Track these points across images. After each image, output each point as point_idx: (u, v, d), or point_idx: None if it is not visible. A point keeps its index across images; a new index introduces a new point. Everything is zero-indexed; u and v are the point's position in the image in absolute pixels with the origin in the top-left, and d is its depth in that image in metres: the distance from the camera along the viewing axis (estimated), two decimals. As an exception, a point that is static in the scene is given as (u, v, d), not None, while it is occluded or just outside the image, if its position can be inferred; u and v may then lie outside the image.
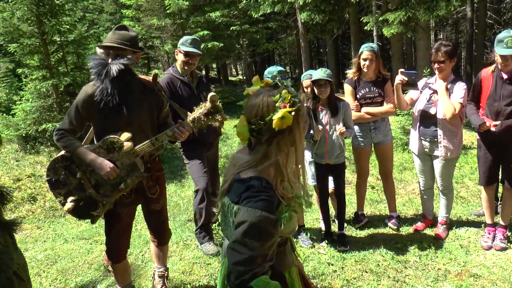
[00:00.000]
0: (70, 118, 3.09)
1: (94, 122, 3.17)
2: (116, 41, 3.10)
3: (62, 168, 3.15)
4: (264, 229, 1.60)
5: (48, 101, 9.20)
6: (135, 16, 16.26)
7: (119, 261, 3.43)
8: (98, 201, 3.15)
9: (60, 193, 3.17)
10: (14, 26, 8.30)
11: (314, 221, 5.40)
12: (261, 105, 1.68)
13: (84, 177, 3.14)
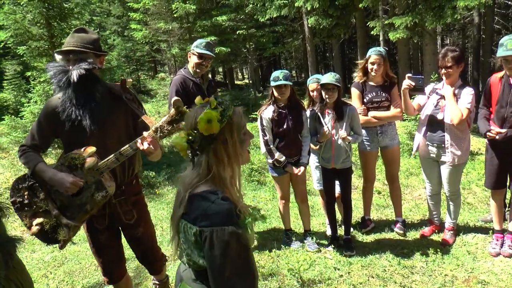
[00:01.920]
0: (32, 134, 2.88)
1: (60, 137, 2.91)
2: (75, 44, 2.77)
3: (26, 189, 2.85)
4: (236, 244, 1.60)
5: (56, 103, 9.24)
6: (142, 20, 16.35)
7: (118, 281, 3.26)
8: (65, 224, 2.81)
9: (26, 216, 2.87)
10: (24, 29, 8.36)
11: (320, 225, 5.39)
12: (194, 116, 1.71)
13: (48, 198, 2.84)
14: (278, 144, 4.38)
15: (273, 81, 4.26)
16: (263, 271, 4.15)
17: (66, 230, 2.80)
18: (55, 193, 2.79)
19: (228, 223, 1.60)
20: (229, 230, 1.59)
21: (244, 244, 1.65)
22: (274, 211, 6.03)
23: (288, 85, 4.28)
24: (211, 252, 1.60)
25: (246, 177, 7.60)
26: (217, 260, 1.60)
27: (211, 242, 1.59)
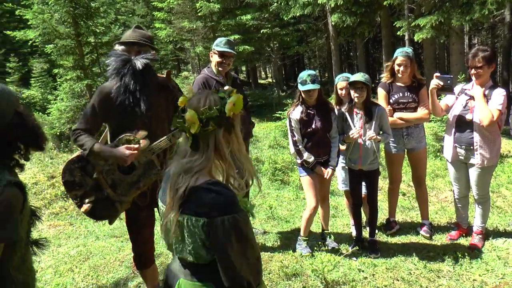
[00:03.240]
0: (86, 118, 3.08)
1: (110, 122, 3.16)
2: (138, 38, 3.11)
3: (78, 169, 3.09)
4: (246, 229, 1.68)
5: (82, 101, 9.42)
6: (166, 19, 16.45)
7: (147, 267, 3.43)
8: (116, 201, 3.11)
9: (77, 195, 3.11)
10: (52, 28, 8.52)
11: (344, 226, 5.33)
12: (207, 97, 1.75)
13: (100, 177, 3.09)
14: (306, 144, 4.34)
15: (300, 85, 4.21)
16: (287, 271, 4.12)
17: (117, 206, 3.10)
18: (107, 172, 3.07)
19: (237, 210, 1.65)
20: (240, 217, 1.65)
21: (251, 229, 1.73)
22: (298, 211, 6.00)
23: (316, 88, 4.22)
24: (224, 241, 1.63)
25: (270, 176, 7.59)
26: (230, 248, 1.63)
27: (224, 230, 1.62)
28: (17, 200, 1.83)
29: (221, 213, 1.62)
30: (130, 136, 3.01)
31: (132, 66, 2.95)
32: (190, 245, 1.71)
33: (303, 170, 4.41)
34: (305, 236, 4.56)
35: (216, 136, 1.73)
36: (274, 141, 10.12)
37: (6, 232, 1.78)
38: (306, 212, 4.46)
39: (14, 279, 1.90)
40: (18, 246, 1.92)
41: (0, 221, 1.76)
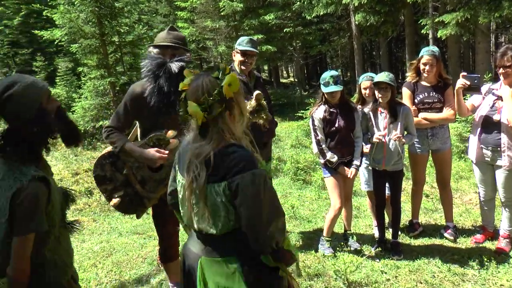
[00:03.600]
0: (118, 116, 3.17)
1: (141, 120, 3.25)
2: (172, 40, 3.16)
3: (109, 165, 3.19)
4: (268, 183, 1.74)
5: (105, 99, 9.57)
6: (189, 18, 16.55)
7: (171, 261, 3.51)
8: (144, 196, 3.23)
9: (106, 189, 3.23)
10: (78, 27, 8.66)
11: (367, 227, 5.28)
12: (204, 84, 1.79)
13: (130, 173, 3.20)
14: (329, 144, 4.31)
15: (323, 86, 4.19)
16: (309, 271, 4.11)
17: (145, 202, 3.22)
18: (136, 169, 3.17)
19: (255, 166, 1.72)
20: (258, 172, 1.71)
21: (271, 185, 1.78)
22: (319, 211, 5.97)
23: None
24: (249, 197, 1.68)
25: (292, 176, 7.57)
26: (255, 204, 1.69)
27: (245, 187, 1.67)
28: (42, 193, 1.93)
29: (240, 171, 1.68)
30: (161, 135, 3.11)
31: (167, 69, 3.01)
32: (212, 215, 1.76)
33: (326, 170, 4.38)
34: (328, 236, 4.53)
35: (222, 120, 1.78)
36: (296, 140, 10.10)
37: (35, 224, 1.91)
38: (330, 212, 4.43)
39: (51, 261, 2.06)
40: (51, 232, 2.05)
41: (29, 214, 1.89)
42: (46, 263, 2.05)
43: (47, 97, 2.07)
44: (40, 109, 2.00)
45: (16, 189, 1.88)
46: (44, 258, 2.04)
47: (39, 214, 1.92)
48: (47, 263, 2.05)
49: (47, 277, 2.05)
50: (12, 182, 1.90)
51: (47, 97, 2.07)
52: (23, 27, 21.43)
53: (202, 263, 1.88)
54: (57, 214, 2.10)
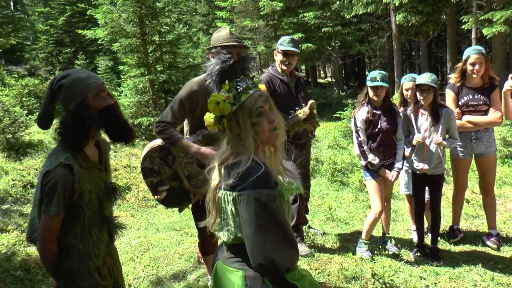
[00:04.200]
0: (173, 112, 3.20)
1: (192, 117, 3.29)
2: (237, 40, 3.23)
3: (159, 158, 3.25)
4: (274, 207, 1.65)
5: (145, 97, 9.73)
6: (228, 18, 16.66)
7: (210, 253, 3.50)
8: (190, 191, 3.29)
9: (152, 181, 3.28)
10: (119, 27, 8.86)
11: (405, 231, 5.17)
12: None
13: (179, 168, 3.25)
14: (371, 146, 4.24)
15: (370, 81, 4.14)
16: (346, 273, 4.05)
17: (190, 197, 3.29)
18: (185, 164, 3.24)
19: (266, 186, 1.66)
20: (266, 193, 1.64)
21: (282, 210, 1.70)
22: (357, 213, 5.89)
23: (384, 87, 4.14)
24: (248, 216, 1.64)
25: (329, 177, 7.50)
26: (253, 223, 1.63)
27: (248, 204, 1.63)
28: (63, 181, 2.04)
29: (249, 186, 1.65)
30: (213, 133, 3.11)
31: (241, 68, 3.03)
32: (224, 221, 1.77)
33: (367, 173, 4.31)
34: (367, 239, 4.45)
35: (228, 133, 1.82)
36: (334, 141, 10.01)
37: (51, 207, 2.03)
38: (371, 216, 4.34)
39: (74, 246, 2.16)
40: (80, 219, 2.17)
41: (49, 196, 2.03)
42: (70, 249, 2.16)
43: (96, 93, 2.15)
44: (82, 103, 2.10)
45: (45, 170, 2.05)
46: (69, 243, 2.15)
47: (57, 198, 2.03)
48: (71, 249, 2.16)
49: (70, 261, 2.15)
50: (47, 163, 2.08)
51: (95, 93, 2.15)
52: (67, 27, 22.13)
53: (217, 268, 1.90)
54: (90, 205, 2.18)
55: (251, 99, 1.81)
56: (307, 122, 3.43)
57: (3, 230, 5.61)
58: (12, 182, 6.93)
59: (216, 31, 3.39)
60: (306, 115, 3.40)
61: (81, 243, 2.17)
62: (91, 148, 2.26)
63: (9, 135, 8.02)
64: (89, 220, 2.20)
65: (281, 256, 1.66)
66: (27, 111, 9.18)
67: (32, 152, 8.13)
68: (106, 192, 2.33)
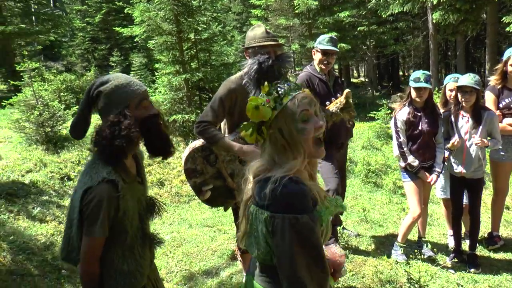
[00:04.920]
0: (213, 110, 3.20)
1: (231, 115, 3.28)
2: (274, 39, 3.20)
3: (201, 158, 3.25)
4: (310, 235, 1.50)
5: (179, 94, 9.83)
6: (263, 16, 16.66)
7: (247, 252, 3.48)
8: (234, 189, 3.27)
9: (196, 182, 3.28)
10: (156, 25, 8.97)
11: (441, 236, 5.06)
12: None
13: (222, 166, 3.25)
14: (411, 147, 4.16)
15: (413, 82, 4.05)
16: (381, 277, 4.00)
17: (234, 194, 3.27)
18: (228, 162, 3.24)
19: (302, 210, 1.49)
20: (303, 220, 1.48)
21: (317, 237, 1.53)
22: (391, 216, 5.80)
23: (428, 88, 4.05)
24: (281, 242, 1.49)
25: (363, 178, 7.41)
26: (287, 251, 1.49)
27: (282, 230, 1.48)
28: (108, 198, 1.88)
29: (284, 209, 1.49)
30: None
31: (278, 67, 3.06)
32: (255, 238, 1.62)
33: (406, 175, 4.23)
34: (403, 242, 4.38)
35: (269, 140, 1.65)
36: (368, 142, 9.87)
37: (97, 228, 1.88)
38: (408, 219, 4.27)
39: (117, 268, 2.00)
40: (122, 238, 2.01)
41: (92, 216, 1.87)
42: (113, 270, 2.01)
43: (138, 102, 2.00)
44: (122, 112, 1.94)
45: (86, 187, 1.88)
46: (112, 264, 2.01)
47: (102, 218, 1.88)
48: (114, 270, 2.01)
49: (113, 283, 2.01)
50: (86, 180, 1.90)
51: (137, 102, 2.00)
52: (103, 25, 22.60)
53: (247, 282, 1.81)
54: (132, 223, 2.05)
55: (293, 101, 1.62)
56: (344, 111, 3.42)
57: (42, 221, 5.77)
58: (51, 174, 7.11)
59: (251, 29, 3.37)
60: (342, 104, 3.39)
61: (124, 263, 2.03)
62: (129, 160, 2.11)
63: (48, 129, 8.23)
64: (131, 238, 2.06)
65: (314, 283, 1.53)
66: (65, 106, 9.39)
67: (69, 146, 8.32)
68: (147, 207, 2.22)
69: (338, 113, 3.43)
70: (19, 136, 8.31)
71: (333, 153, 4.44)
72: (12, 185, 6.47)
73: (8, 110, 9.53)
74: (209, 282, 4.23)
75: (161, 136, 2.09)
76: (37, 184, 6.72)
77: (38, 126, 8.12)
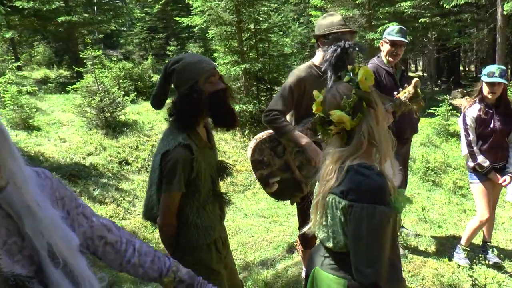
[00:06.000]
0: (283, 100, 3.15)
1: (299, 105, 3.22)
2: (347, 26, 3.19)
3: (268, 149, 3.20)
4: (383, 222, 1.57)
5: (237, 84, 9.90)
6: (322, 7, 16.38)
7: (311, 247, 3.45)
8: (302, 182, 3.20)
9: (262, 174, 3.21)
10: (217, 15, 9.05)
11: (508, 242, 4.85)
12: (339, 90, 1.73)
13: (289, 158, 3.19)
14: (481, 147, 3.97)
15: (486, 76, 3.86)
16: (442, 280, 3.87)
17: (302, 187, 3.22)
18: (296, 154, 3.18)
19: (380, 201, 1.57)
20: (380, 209, 1.55)
21: (393, 227, 1.62)
22: (450, 216, 5.61)
23: (502, 84, 3.84)
24: (358, 230, 1.57)
25: (421, 175, 7.18)
26: (363, 239, 1.56)
27: (360, 218, 1.55)
28: (184, 159, 2.12)
29: (363, 199, 1.56)
30: None
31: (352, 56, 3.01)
32: (330, 227, 1.69)
33: (475, 176, 4.04)
34: (466, 246, 4.20)
35: (366, 121, 1.67)
36: (427, 138, 9.57)
37: (174, 184, 2.12)
38: (475, 222, 4.08)
39: (192, 221, 2.25)
40: (196, 196, 2.25)
41: (170, 174, 2.12)
42: (189, 223, 2.25)
43: (207, 77, 2.20)
44: (193, 86, 2.16)
45: (165, 150, 2.13)
46: (187, 218, 2.25)
47: (178, 176, 2.12)
48: (189, 224, 2.25)
49: (189, 235, 2.25)
50: (165, 144, 2.17)
51: (206, 77, 2.19)
52: (161, 14, 23.01)
53: (315, 274, 1.83)
54: (204, 183, 2.27)
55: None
56: (413, 101, 3.32)
57: (101, 202, 6.00)
58: (109, 158, 7.37)
59: (322, 18, 3.31)
60: (411, 94, 3.30)
61: (198, 218, 2.26)
62: (201, 128, 2.34)
63: (108, 114, 8.53)
64: (203, 197, 2.29)
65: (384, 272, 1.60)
66: (124, 93, 9.68)
67: (127, 132, 8.58)
68: (217, 170, 2.43)
69: (407, 103, 3.33)
70: (81, 120, 8.67)
71: (398, 148, 4.30)
72: (75, 166, 6.77)
73: (72, 95, 9.93)
74: (264, 273, 4.24)
75: (226, 108, 2.29)
76: (97, 166, 6.99)
77: (98, 111, 8.44)
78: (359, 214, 1.56)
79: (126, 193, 6.46)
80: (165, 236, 2.28)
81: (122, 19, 18.78)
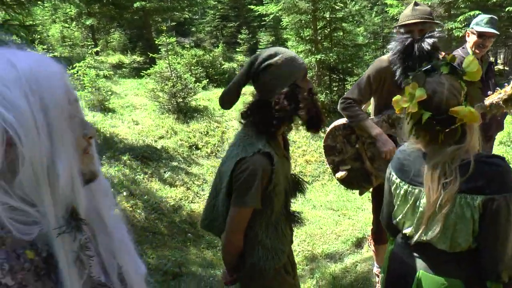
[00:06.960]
0: (360, 89, 3.07)
1: (378, 96, 3.12)
2: (418, 16, 2.97)
3: (341, 136, 3.15)
4: None
5: (309, 73, 9.82)
6: (401, -6, 15.82)
7: (384, 243, 3.29)
8: (372, 173, 3.13)
9: (334, 160, 3.19)
10: (293, 3, 8.98)
11: None
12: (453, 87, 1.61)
13: (362, 148, 3.12)
14: None
15: None
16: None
17: (371, 179, 3.14)
18: (368, 145, 3.09)
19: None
20: None
21: None
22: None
23: None
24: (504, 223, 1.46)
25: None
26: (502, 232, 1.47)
27: (502, 209, 1.44)
28: (263, 170, 1.83)
29: (503, 189, 1.45)
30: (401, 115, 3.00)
31: (418, 49, 2.86)
32: (452, 228, 1.55)
33: None
34: None
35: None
36: (507, 137, 8.99)
37: (249, 198, 1.83)
38: None
39: (260, 241, 1.96)
40: (268, 212, 1.96)
41: (244, 186, 1.82)
42: (256, 243, 1.96)
43: (303, 75, 1.95)
44: (295, 84, 1.89)
45: (239, 158, 1.84)
46: (256, 238, 1.96)
47: (254, 189, 1.82)
48: (257, 244, 1.96)
49: (256, 257, 1.96)
50: (240, 150, 1.87)
51: (302, 75, 1.95)
52: (233, 3, 23.23)
53: (421, 278, 1.69)
54: (278, 198, 1.99)
55: None
56: (508, 103, 3.03)
57: (171, 185, 6.14)
58: (180, 142, 7.55)
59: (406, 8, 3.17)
60: (507, 95, 2.99)
61: (268, 238, 1.98)
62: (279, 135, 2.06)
63: (180, 99, 8.74)
64: (276, 214, 2.01)
65: None
66: (195, 79, 9.87)
67: (198, 117, 8.75)
68: (293, 185, 2.15)
69: (500, 105, 3.06)
70: (154, 104, 8.96)
71: (482, 145, 4.05)
72: (147, 148, 7.00)
73: (145, 80, 10.26)
74: (332, 266, 4.15)
75: (318, 108, 2.05)
76: (168, 150, 7.18)
77: (170, 96, 8.67)
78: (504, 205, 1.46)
79: (196, 177, 6.58)
80: (230, 255, 1.99)
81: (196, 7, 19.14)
